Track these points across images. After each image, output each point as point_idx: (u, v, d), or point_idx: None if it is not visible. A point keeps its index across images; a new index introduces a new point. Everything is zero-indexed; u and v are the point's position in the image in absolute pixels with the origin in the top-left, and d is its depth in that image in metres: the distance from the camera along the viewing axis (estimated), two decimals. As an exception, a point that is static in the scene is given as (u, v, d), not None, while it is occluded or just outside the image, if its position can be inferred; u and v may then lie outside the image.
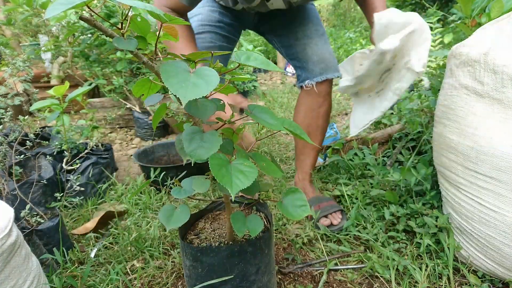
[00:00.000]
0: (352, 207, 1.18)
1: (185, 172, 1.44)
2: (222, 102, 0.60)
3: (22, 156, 1.27)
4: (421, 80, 2.03)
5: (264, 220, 0.83)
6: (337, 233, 1.08)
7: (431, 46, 1.89)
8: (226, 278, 0.70)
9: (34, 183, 1.19)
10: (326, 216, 1.13)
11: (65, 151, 1.45)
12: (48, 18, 2.20)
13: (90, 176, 1.42)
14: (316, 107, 1.21)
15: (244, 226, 0.63)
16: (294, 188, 0.67)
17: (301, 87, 1.21)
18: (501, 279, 0.85)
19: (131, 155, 2.08)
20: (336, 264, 0.96)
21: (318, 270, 0.94)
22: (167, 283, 0.92)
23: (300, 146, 1.31)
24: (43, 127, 1.83)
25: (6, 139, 1.24)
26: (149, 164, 1.54)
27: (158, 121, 0.65)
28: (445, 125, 0.91)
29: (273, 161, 0.68)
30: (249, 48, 3.16)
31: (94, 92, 3.18)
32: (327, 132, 1.50)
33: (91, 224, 1.14)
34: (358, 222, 1.10)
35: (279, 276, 0.93)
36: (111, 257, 1.03)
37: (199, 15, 1.18)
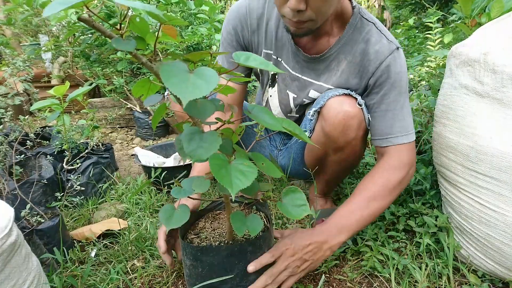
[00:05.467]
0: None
1: (185, 172, 1.44)
2: (221, 102, 0.60)
3: (23, 155, 1.28)
4: (421, 80, 2.03)
5: (264, 220, 0.83)
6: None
7: (432, 46, 1.89)
8: (226, 277, 0.70)
9: (35, 183, 1.19)
10: None
11: (65, 151, 1.45)
12: (48, 18, 2.20)
13: (90, 175, 1.42)
14: None
15: (244, 225, 0.64)
16: (294, 188, 0.67)
17: None
18: (501, 279, 0.85)
19: (132, 155, 2.08)
20: (336, 264, 0.96)
21: (318, 269, 0.94)
22: (168, 282, 0.92)
23: None
24: (44, 127, 1.83)
25: (7, 138, 1.24)
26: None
27: (158, 121, 0.65)
28: (444, 125, 0.91)
29: (272, 161, 0.68)
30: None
31: (95, 92, 3.18)
32: None
33: (89, 234, 1.13)
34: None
35: (279, 276, 0.93)
36: (112, 256, 1.03)
37: None
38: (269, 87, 1.14)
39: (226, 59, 1.07)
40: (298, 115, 1.13)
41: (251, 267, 0.72)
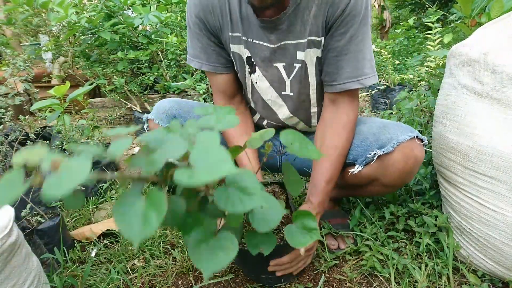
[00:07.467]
0: (354, 206, 1.18)
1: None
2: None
3: (23, 155, 1.28)
4: (421, 80, 2.03)
5: (291, 206, 0.90)
6: (339, 232, 1.08)
7: (431, 46, 1.90)
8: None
9: (35, 183, 1.19)
10: (334, 237, 1.05)
11: (66, 151, 1.45)
12: (48, 18, 2.20)
13: (90, 175, 1.42)
14: None
15: (257, 246, 0.62)
16: (305, 211, 0.64)
17: None
18: (501, 279, 0.85)
19: (132, 155, 2.08)
20: (336, 263, 0.96)
21: (318, 269, 0.95)
22: (168, 282, 0.92)
23: None
24: (44, 127, 1.84)
25: (7, 138, 1.24)
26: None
27: None
28: (444, 125, 0.91)
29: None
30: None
31: (95, 92, 3.19)
32: None
33: (89, 234, 1.14)
34: (359, 221, 1.10)
35: (279, 276, 0.93)
36: (112, 256, 1.03)
37: None
38: (250, 75, 1.04)
39: (206, 61, 1.02)
40: (292, 93, 1.02)
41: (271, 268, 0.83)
